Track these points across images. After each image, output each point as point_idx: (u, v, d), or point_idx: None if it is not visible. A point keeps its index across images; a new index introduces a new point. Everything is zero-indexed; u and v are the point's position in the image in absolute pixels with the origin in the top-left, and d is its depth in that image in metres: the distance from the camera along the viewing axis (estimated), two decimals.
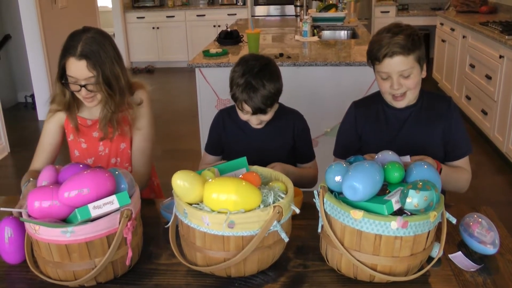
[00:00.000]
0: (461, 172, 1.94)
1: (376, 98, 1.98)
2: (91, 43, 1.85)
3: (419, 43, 1.80)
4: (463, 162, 1.96)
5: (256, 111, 1.91)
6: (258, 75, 1.89)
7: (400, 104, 1.88)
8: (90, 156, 2.09)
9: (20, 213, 1.43)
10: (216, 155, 2.18)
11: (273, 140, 2.08)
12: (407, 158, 1.58)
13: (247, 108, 1.92)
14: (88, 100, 1.93)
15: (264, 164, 1.74)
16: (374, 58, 1.83)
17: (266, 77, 1.89)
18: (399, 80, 1.81)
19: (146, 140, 2.09)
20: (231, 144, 2.12)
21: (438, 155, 1.90)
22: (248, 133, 2.07)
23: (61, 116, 2.06)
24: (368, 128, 2.00)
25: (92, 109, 2.04)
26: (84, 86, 1.87)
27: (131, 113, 2.02)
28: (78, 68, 1.83)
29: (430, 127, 1.92)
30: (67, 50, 1.85)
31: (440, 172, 1.77)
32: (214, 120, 2.18)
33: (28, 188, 1.72)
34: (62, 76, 1.90)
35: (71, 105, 2.00)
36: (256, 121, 1.98)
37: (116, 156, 2.10)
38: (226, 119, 2.14)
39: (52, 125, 2.07)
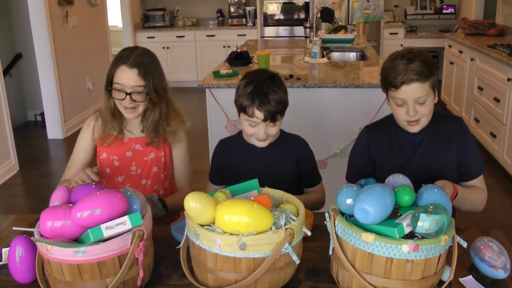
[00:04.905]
0: (477, 192, 1.93)
1: (388, 122, 1.97)
2: (143, 55, 1.98)
3: (434, 69, 1.81)
4: (478, 182, 1.96)
5: (268, 116, 1.87)
6: (267, 82, 1.89)
7: (415, 129, 1.87)
8: (122, 174, 2.12)
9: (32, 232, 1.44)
10: (219, 184, 2.15)
11: (276, 166, 2.04)
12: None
13: (258, 114, 1.87)
14: (129, 111, 2.00)
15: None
16: (390, 85, 1.81)
17: (275, 84, 1.90)
18: (415, 106, 1.80)
19: (186, 153, 2.21)
20: (232, 172, 2.07)
21: (452, 176, 1.89)
22: (250, 160, 2.05)
23: (95, 135, 2.11)
24: (382, 153, 1.99)
25: (129, 127, 2.10)
26: (130, 94, 1.94)
27: (171, 129, 2.11)
28: (128, 76, 1.93)
29: (443, 149, 1.92)
30: (120, 59, 1.95)
31: (456, 195, 1.77)
32: (214, 151, 2.17)
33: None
34: (108, 84, 1.98)
35: (115, 112, 2.05)
36: (264, 135, 1.93)
37: (147, 178, 2.13)
38: (226, 148, 2.13)
39: (85, 142, 2.13)
